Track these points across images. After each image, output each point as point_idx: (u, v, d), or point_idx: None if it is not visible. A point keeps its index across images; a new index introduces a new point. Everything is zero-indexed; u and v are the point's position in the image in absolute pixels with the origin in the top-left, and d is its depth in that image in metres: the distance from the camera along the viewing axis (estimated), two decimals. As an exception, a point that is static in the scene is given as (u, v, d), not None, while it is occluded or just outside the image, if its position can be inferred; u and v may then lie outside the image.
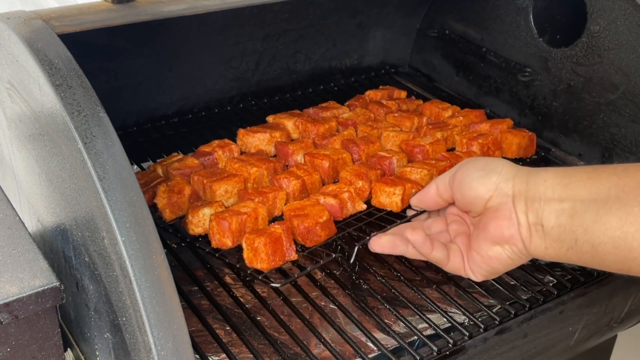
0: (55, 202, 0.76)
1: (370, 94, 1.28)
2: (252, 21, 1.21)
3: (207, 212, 0.90)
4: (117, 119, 0.71)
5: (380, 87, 1.32)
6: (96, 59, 1.08)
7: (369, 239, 0.81)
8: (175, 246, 1.01)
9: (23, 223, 0.75)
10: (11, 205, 0.78)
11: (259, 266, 0.84)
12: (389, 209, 0.95)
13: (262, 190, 0.94)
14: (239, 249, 0.87)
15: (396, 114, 1.17)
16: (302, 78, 1.35)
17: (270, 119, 1.15)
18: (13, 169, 0.89)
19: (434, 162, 1.02)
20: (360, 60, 1.42)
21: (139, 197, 0.64)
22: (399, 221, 0.88)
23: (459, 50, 1.34)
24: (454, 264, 0.79)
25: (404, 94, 1.31)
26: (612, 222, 0.66)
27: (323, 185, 1.00)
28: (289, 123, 1.12)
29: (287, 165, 1.04)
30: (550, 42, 1.18)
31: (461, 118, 1.17)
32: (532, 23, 1.20)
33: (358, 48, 1.40)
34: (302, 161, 1.04)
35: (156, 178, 0.99)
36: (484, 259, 0.76)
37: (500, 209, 0.73)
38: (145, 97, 1.19)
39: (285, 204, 0.94)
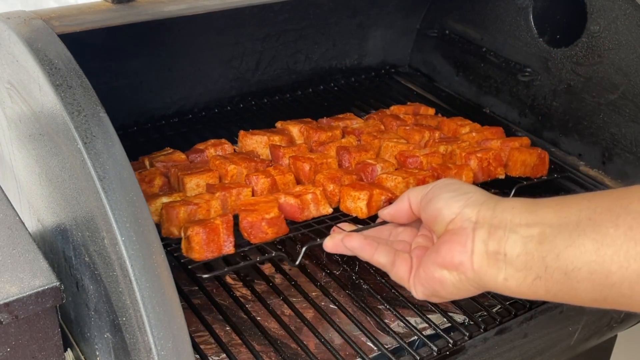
0: (55, 202, 0.76)
1: (394, 108, 1.23)
2: (252, 21, 1.21)
3: (164, 200, 0.88)
4: (117, 119, 0.71)
5: (408, 103, 1.27)
6: (96, 59, 1.07)
7: (320, 241, 0.79)
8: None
9: (23, 223, 0.75)
10: (11, 205, 0.78)
11: (192, 256, 0.82)
12: (354, 215, 0.91)
13: (229, 185, 0.92)
14: None
15: (408, 127, 1.13)
16: (302, 78, 1.35)
17: (278, 124, 1.14)
18: (13, 169, 0.89)
19: (416, 171, 0.98)
20: (360, 60, 1.42)
21: (139, 197, 0.64)
22: (366, 226, 0.82)
23: (459, 50, 1.34)
24: (399, 273, 0.75)
25: (431, 110, 1.24)
26: (587, 246, 0.61)
27: None
28: (295, 129, 1.11)
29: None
30: (550, 42, 1.18)
31: (474, 134, 1.11)
32: (532, 23, 1.20)
33: (358, 48, 1.40)
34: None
35: (141, 169, 0.98)
36: (429, 279, 0.71)
37: (458, 234, 0.69)
38: (145, 97, 1.19)
39: None
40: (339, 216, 0.92)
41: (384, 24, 1.39)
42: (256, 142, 1.06)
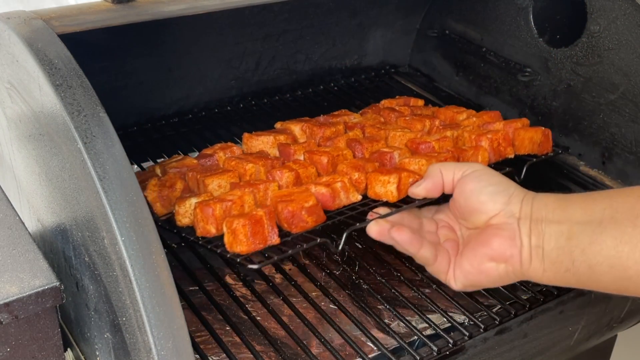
0: (55, 202, 0.76)
1: (385, 102, 1.24)
2: (252, 21, 1.21)
3: (194, 201, 0.87)
4: (117, 119, 0.71)
5: (397, 96, 1.28)
6: (96, 59, 1.07)
7: (360, 226, 0.81)
8: (175, 246, 1.01)
9: (23, 223, 0.75)
10: (11, 205, 0.78)
11: (238, 249, 0.81)
12: (384, 200, 0.91)
13: (254, 182, 0.91)
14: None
15: (407, 117, 1.14)
16: (302, 78, 1.35)
17: (278, 125, 1.14)
18: (13, 169, 0.89)
19: (435, 154, 0.98)
20: (360, 60, 1.42)
21: (139, 197, 0.64)
22: (404, 206, 0.85)
23: (459, 50, 1.34)
24: (440, 266, 0.79)
25: (420, 102, 1.26)
26: (607, 243, 0.68)
27: None
28: (296, 128, 1.11)
29: None
30: (550, 42, 1.18)
31: (474, 119, 1.13)
32: (532, 23, 1.20)
33: (358, 48, 1.40)
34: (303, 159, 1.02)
35: (153, 177, 0.98)
36: (475, 270, 0.77)
37: (505, 229, 0.75)
38: (145, 97, 1.19)
39: None
40: (368, 202, 0.91)
41: (384, 24, 1.39)
42: (262, 142, 1.06)
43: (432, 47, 1.41)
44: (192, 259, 0.97)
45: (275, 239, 0.82)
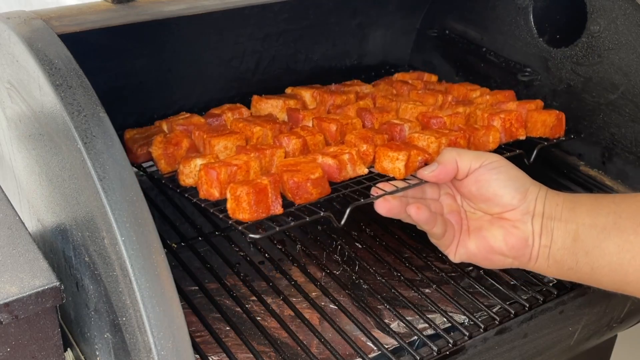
0: (55, 202, 0.76)
1: (398, 75, 1.24)
2: (252, 21, 1.21)
3: (199, 162, 0.86)
4: (117, 119, 0.71)
5: (411, 70, 1.28)
6: (96, 59, 1.07)
7: (364, 201, 0.81)
8: (175, 246, 1.01)
9: (23, 223, 0.75)
10: (11, 205, 0.78)
11: (240, 217, 0.79)
12: (391, 175, 0.89)
13: (260, 147, 0.90)
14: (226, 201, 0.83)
15: (420, 91, 1.13)
16: (302, 78, 1.35)
17: (289, 90, 1.12)
18: (13, 169, 0.89)
19: (446, 131, 0.96)
20: (360, 60, 1.42)
21: (139, 197, 0.64)
22: (411, 183, 0.84)
23: (459, 50, 1.34)
24: (446, 241, 0.81)
25: (434, 77, 1.25)
26: (610, 248, 0.71)
27: None
28: (307, 94, 1.09)
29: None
30: (550, 42, 1.18)
31: (488, 97, 1.12)
32: (532, 23, 1.20)
33: (358, 48, 1.40)
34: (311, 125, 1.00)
35: (159, 133, 0.96)
36: (481, 256, 0.80)
37: (520, 228, 0.77)
38: (145, 97, 1.19)
39: None
40: (374, 177, 0.90)
41: (384, 24, 1.39)
42: (272, 106, 1.04)
43: (432, 47, 1.41)
44: (192, 259, 0.98)
45: (278, 209, 0.81)
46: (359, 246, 1.04)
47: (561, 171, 1.15)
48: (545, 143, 1.03)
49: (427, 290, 0.95)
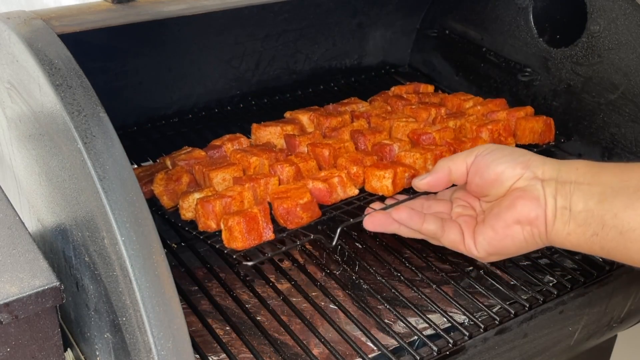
0: (55, 202, 0.76)
1: (395, 89, 1.26)
2: (252, 21, 1.21)
3: (196, 196, 0.90)
4: (117, 119, 0.71)
5: (407, 83, 1.30)
6: (96, 59, 1.08)
7: (353, 221, 0.83)
8: (175, 246, 1.01)
9: (23, 223, 0.75)
10: (11, 205, 0.78)
11: (234, 245, 0.84)
12: (380, 194, 0.94)
13: (255, 176, 0.94)
14: None
15: (414, 106, 1.16)
16: (302, 78, 1.35)
17: (287, 114, 1.15)
18: (13, 169, 0.89)
19: (433, 147, 1.00)
20: (360, 60, 1.42)
21: (139, 197, 0.64)
22: (400, 200, 0.87)
23: (459, 50, 1.34)
24: (450, 237, 0.79)
25: (430, 88, 1.27)
26: None
27: None
28: (304, 117, 1.13)
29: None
30: (550, 42, 1.18)
31: (479, 107, 1.14)
32: (532, 23, 1.20)
33: (358, 48, 1.40)
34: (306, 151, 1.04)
35: (162, 169, 1.00)
36: (499, 236, 0.75)
37: (529, 190, 0.73)
38: (145, 97, 1.19)
39: None
40: (365, 196, 0.94)
41: (384, 24, 1.39)
42: (270, 133, 1.07)
43: (432, 47, 1.41)
44: (192, 259, 0.97)
45: (269, 235, 0.85)
46: (359, 246, 1.04)
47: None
48: (534, 150, 1.02)
49: (427, 290, 0.95)
